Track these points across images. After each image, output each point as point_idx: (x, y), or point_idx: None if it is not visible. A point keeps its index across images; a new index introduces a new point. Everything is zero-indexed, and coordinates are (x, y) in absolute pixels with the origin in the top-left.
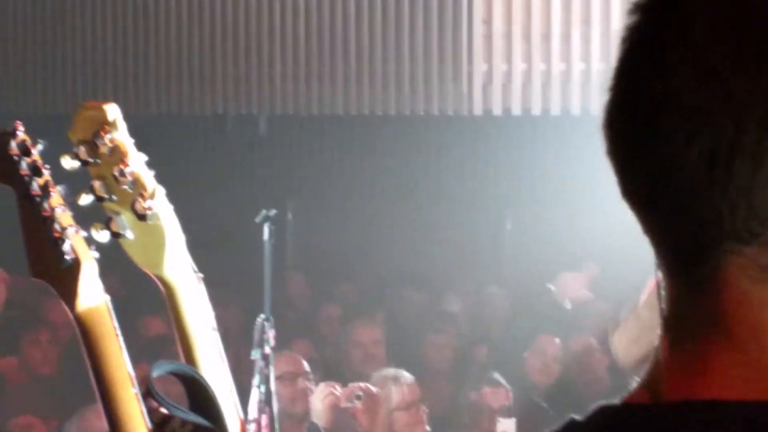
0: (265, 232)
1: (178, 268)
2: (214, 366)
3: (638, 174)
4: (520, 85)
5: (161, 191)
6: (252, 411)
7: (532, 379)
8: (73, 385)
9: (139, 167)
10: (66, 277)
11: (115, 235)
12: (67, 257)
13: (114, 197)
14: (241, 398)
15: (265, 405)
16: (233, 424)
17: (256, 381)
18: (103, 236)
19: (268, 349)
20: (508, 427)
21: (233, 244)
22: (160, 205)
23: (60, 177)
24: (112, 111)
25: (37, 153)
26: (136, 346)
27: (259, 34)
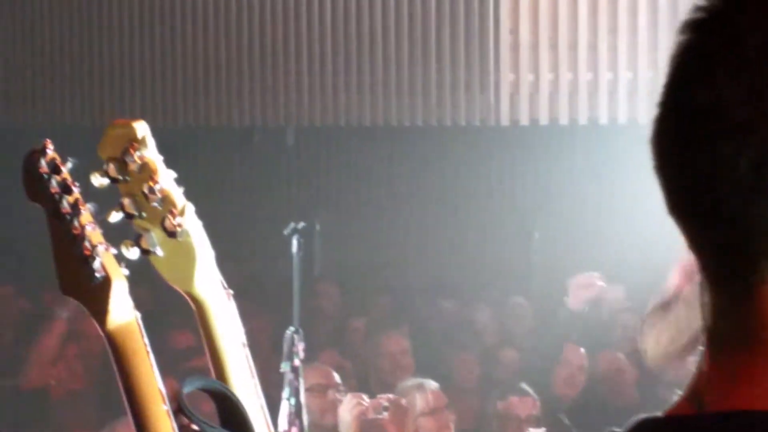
0: (294, 245)
1: (208, 285)
2: (244, 382)
3: (686, 187)
4: (547, 95)
5: (191, 208)
6: (282, 423)
7: (557, 391)
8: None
9: (169, 184)
10: (96, 295)
11: (145, 253)
12: (97, 275)
13: (143, 214)
14: (271, 411)
15: (295, 417)
16: None
17: (285, 393)
18: (133, 253)
19: (297, 362)
20: None
21: (262, 257)
22: (190, 222)
23: (89, 193)
24: (141, 128)
25: (67, 171)
26: (166, 358)
27: (286, 46)
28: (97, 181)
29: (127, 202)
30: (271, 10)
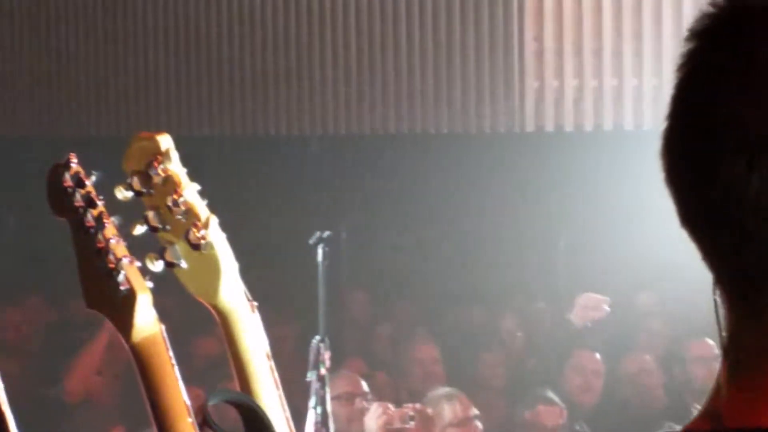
0: (319, 254)
1: (233, 297)
2: (269, 393)
3: (699, 200)
4: (572, 101)
5: (215, 220)
6: None
7: (574, 398)
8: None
9: (192, 197)
10: (121, 308)
11: (170, 265)
12: (122, 288)
13: (168, 227)
14: (297, 420)
15: (322, 426)
16: None
17: (312, 402)
18: (157, 266)
19: (323, 371)
20: None
21: (287, 266)
22: (214, 234)
23: (114, 206)
24: (165, 141)
25: (91, 184)
26: (190, 367)
27: (311, 56)
28: (122, 194)
29: (151, 215)
30: (295, 20)
